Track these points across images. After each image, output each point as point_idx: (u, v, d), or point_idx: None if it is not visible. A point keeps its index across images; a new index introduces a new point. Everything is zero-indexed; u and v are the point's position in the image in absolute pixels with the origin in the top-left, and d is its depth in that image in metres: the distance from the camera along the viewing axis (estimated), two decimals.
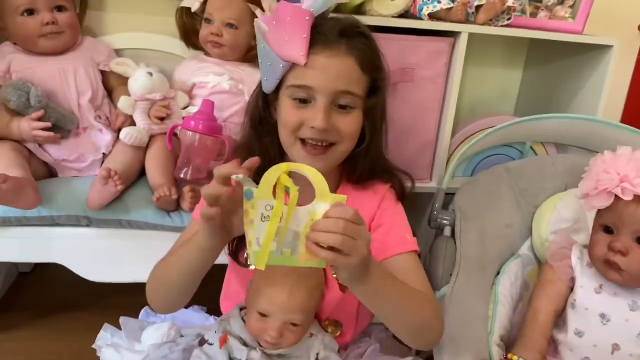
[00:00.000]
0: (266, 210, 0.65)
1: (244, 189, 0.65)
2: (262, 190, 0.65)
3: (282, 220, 0.65)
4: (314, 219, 0.65)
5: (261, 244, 0.65)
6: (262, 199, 0.65)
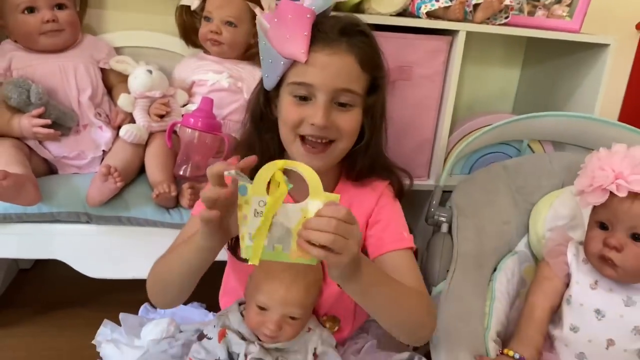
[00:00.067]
0: (259, 206, 0.65)
1: (239, 185, 0.66)
2: (256, 186, 0.66)
3: (275, 216, 0.65)
4: (307, 217, 0.65)
5: (253, 239, 0.66)
6: (256, 195, 0.66)
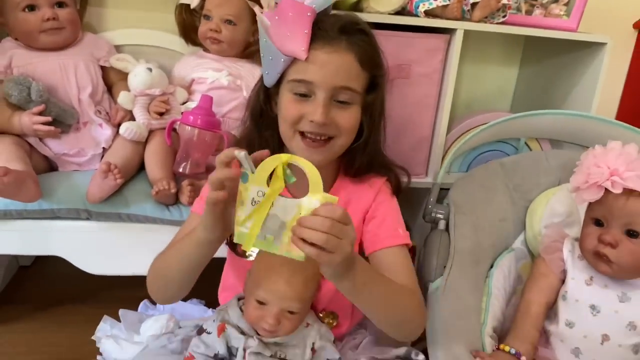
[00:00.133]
0: (258, 195, 0.67)
1: (242, 172, 0.67)
2: (257, 176, 0.67)
3: (272, 208, 0.67)
4: (302, 213, 0.66)
5: (249, 226, 0.67)
6: (255, 184, 0.67)
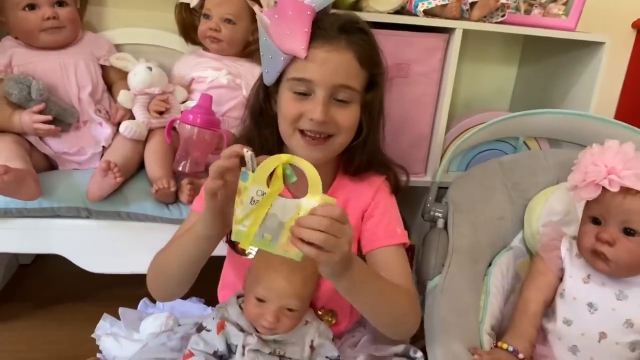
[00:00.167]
0: (257, 195, 0.67)
1: (241, 171, 0.67)
2: (257, 175, 0.67)
3: (271, 207, 0.67)
4: (301, 213, 0.66)
5: (247, 225, 0.68)
6: (255, 184, 0.67)
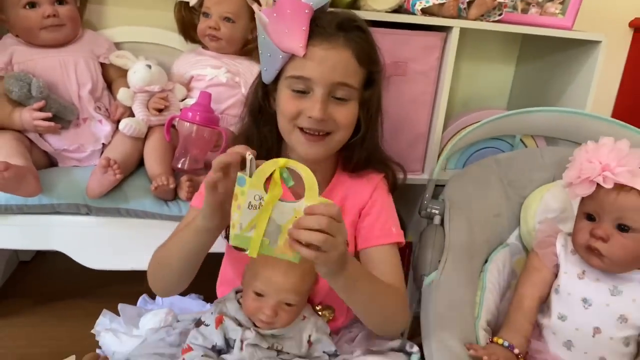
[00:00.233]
0: (254, 200, 0.68)
1: (238, 175, 0.68)
2: (255, 180, 0.68)
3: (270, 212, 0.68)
4: (298, 217, 0.67)
5: (245, 227, 0.68)
6: (253, 189, 0.67)
